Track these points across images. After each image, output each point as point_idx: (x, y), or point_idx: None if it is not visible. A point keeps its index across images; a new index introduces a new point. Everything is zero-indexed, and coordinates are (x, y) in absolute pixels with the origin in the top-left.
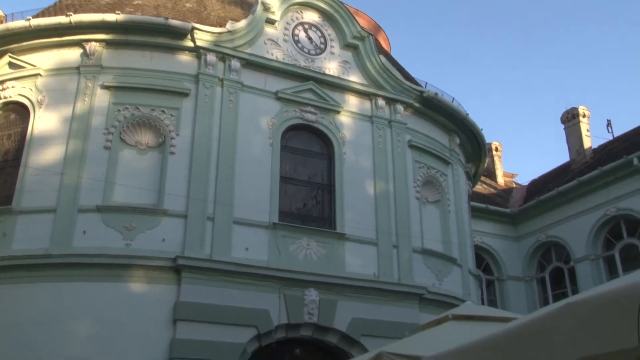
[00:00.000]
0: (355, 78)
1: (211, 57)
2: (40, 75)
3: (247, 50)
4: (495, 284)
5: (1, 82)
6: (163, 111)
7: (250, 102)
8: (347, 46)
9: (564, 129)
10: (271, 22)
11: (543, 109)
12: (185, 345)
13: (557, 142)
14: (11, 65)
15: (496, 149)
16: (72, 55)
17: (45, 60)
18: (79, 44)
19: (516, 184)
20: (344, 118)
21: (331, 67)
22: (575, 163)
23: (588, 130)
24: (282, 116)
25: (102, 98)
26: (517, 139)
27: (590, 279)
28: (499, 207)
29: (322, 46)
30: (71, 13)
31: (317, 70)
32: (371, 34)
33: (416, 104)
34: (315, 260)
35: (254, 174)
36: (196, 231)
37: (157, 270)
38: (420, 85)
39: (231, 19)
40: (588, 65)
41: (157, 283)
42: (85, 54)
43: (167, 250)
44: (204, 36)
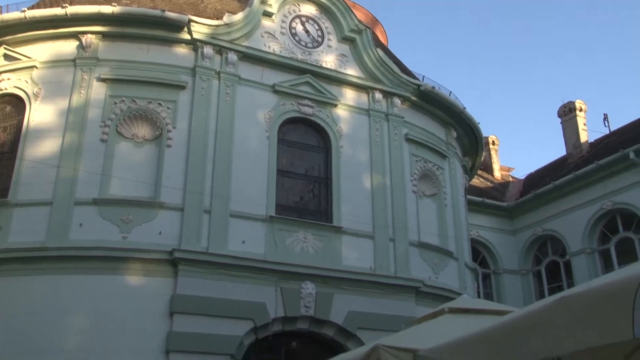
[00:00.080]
0: (352, 71)
1: (208, 50)
2: (36, 67)
3: (244, 43)
4: (492, 277)
5: None
6: (160, 104)
7: (247, 95)
8: (344, 39)
9: (561, 122)
10: (268, 14)
11: (540, 103)
12: (181, 338)
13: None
14: (6, 57)
15: (493, 143)
16: (68, 47)
17: (40, 52)
18: (74, 36)
19: (513, 177)
20: (341, 111)
21: (328, 60)
22: (572, 157)
23: (585, 124)
24: (279, 109)
25: (98, 90)
26: (514, 133)
27: (586, 273)
28: (495, 200)
29: (320, 39)
30: (67, 5)
31: (314, 64)
32: (368, 27)
33: (413, 98)
34: (312, 253)
35: (250, 167)
36: (193, 224)
37: (154, 263)
38: (417, 79)
39: (228, 12)
40: (585, 60)
41: (153, 276)
42: (81, 46)
43: (163, 243)
44: (200, 29)
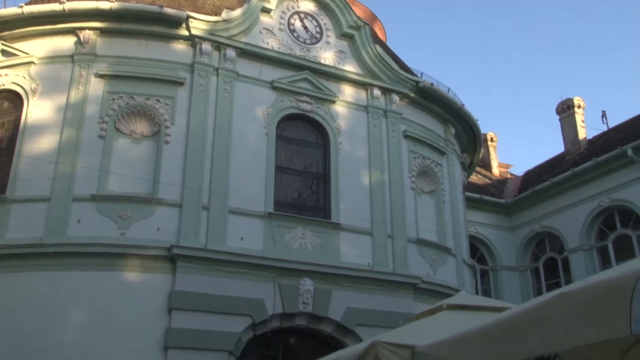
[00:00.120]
0: (351, 68)
1: (206, 46)
2: (34, 63)
3: (243, 40)
4: (490, 273)
5: None
6: (158, 100)
7: (246, 92)
8: (343, 36)
9: (559, 119)
10: (267, 11)
11: (538, 99)
12: (180, 334)
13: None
14: (4, 52)
15: (491, 140)
16: (65, 43)
17: (38, 48)
18: (72, 31)
19: (511, 174)
20: (340, 108)
21: (327, 56)
22: (570, 154)
23: (583, 121)
24: (278, 106)
25: (96, 87)
26: (512, 130)
27: (584, 269)
28: (493, 197)
29: (318, 35)
30: (64, 0)
31: (312, 60)
32: (367, 24)
33: (412, 94)
34: (310, 250)
35: (249, 164)
36: (191, 220)
37: (152, 259)
38: (416, 76)
39: (226, 8)
40: (584, 57)
41: (152, 272)
42: (79, 42)
43: (162, 239)
44: (199, 25)
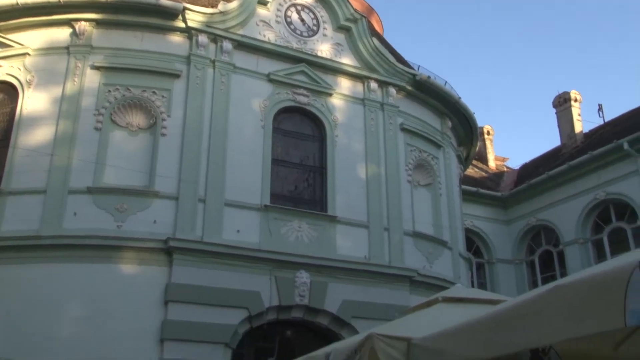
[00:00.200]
0: (347, 60)
1: (203, 38)
2: (29, 54)
3: (239, 32)
4: (485, 266)
5: None
6: (154, 92)
7: (242, 84)
8: (339, 28)
9: (556, 113)
10: (263, 3)
11: (535, 93)
12: (176, 326)
13: (549, 126)
14: None
15: (488, 133)
16: (61, 34)
17: (33, 39)
18: (68, 23)
19: (507, 167)
20: (336, 100)
21: (324, 49)
22: (566, 147)
23: (579, 115)
24: (274, 98)
25: (92, 78)
26: (508, 123)
27: (579, 262)
28: (489, 190)
29: (315, 28)
30: None
31: (309, 53)
32: (364, 16)
33: (408, 87)
34: (306, 242)
35: (245, 156)
36: (187, 213)
37: (148, 251)
38: (412, 69)
39: (223, 0)
40: (580, 50)
41: (148, 265)
42: (74, 34)
43: (158, 232)
44: (195, 17)
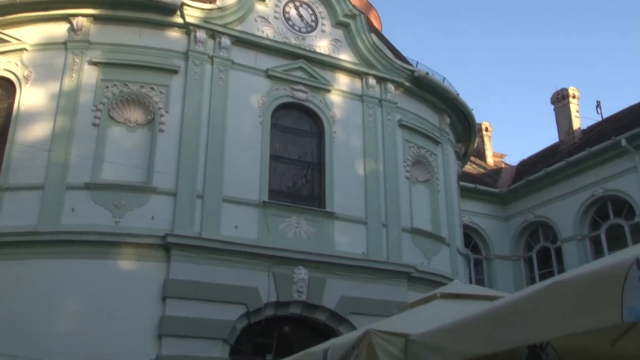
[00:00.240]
0: (346, 56)
1: (201, 34)
2: (26, 50)
3: (238, 28)
4: (483, 263)
5: None
6: (152, 88)
7: (241, 80)
8: (338, 24)
9: (554, 109)
10: None
11: (533, 89)
12: (174, 322)
13: (547, 122)
14: None
15: (486, 129)
16: (58, 30)
17: (31, 34)
18: (65, 18)
19: (505, 164)
20: (335, 97)
21: (322, 45)
22: (564, 144)
23: (577, 111)
24: (273, 94)
25: (90, 74)
26: (507, 120)
27: (577, 259)
28: (488, 187)
29: (313, 24)
30: None
31: (307, 49)
32: (362, 12)
33: (407, 84)
34: (304, 238)
35: (243, 152)
36: (185, 209)
37: (147, 247)
38: (411, 65)
39: None
40: (579, 47)
41: (146, 261)
42: (72, 29)
43: (156, 228)
44: (193, 12)
